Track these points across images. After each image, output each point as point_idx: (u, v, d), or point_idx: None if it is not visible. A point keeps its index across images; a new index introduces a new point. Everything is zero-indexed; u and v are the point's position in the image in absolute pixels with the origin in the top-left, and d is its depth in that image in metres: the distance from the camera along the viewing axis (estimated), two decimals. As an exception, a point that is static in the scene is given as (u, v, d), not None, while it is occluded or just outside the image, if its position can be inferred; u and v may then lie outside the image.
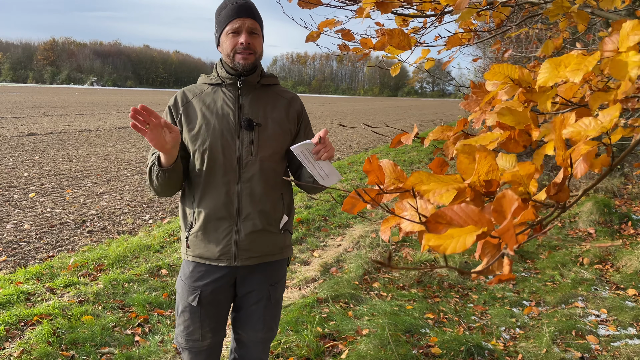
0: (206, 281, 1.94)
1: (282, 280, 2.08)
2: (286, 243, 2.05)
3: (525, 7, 2.62)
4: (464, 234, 0.65)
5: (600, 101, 0.87)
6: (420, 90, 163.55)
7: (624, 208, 6.68)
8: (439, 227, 0.69)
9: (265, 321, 2.02)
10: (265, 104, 1.95)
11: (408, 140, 1.15)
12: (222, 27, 1.87)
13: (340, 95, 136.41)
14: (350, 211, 0.88)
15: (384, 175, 0.88)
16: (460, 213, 0.68)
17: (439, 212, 0.69)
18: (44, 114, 21.24)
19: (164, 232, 5.40)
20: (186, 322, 1.98)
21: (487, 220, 0.67)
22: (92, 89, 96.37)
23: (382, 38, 1.65)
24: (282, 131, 1.95)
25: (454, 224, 0.68)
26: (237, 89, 1.93)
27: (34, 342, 3.03)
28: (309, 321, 3.43)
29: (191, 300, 1.96)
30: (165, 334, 3.29)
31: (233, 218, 1.89)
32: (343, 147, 14.31)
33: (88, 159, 10.27)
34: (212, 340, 2.01)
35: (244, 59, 1.85)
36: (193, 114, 1.92)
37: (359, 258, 4.82)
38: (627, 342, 3.38)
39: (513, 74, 0.98)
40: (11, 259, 4.59)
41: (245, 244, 1.90)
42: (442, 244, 0.64)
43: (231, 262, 1.92)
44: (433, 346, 3.21)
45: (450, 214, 0.69)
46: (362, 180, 9.13)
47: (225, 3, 1.89)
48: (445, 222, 0.69)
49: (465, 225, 0.68)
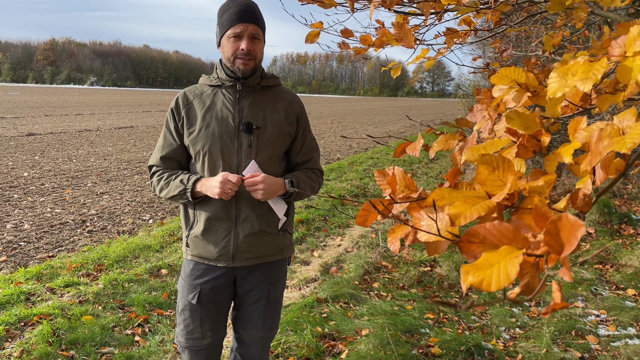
0: (205, 279, 1.96)
1: (282, 279, 2.09)
2: (286, 243, 2.06)
3: (524, 7, 2.62)
4: (501, 258, 0.60)
5: (609, 103, 0.87)
6: (420, 90, 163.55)
7: (624, 208, 6.68)
8: (472, 246, 0.65)
9: (265, 320, 2.03)
10: (265, 106, 1.95)
11: (414, 151, 1.11)
12: (224, 30, 1.87)
13: (340, 96, 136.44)
14: (364, 224, 0.86)
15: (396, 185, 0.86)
16: (493, 231, 0.64)
17: (471, 231, 0.65)
18: (44, 114, 21.24)
19: (164, 232, 5.40)
20: (186, 321, 2.00)
21: (522, 238, 0.63)
22: (92, 89, 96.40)
23: (382, 36, 1.65)
24: (281, 134, 1.96)
25: (487, 242, 0.64)
26: (236, 92, 1.93)
27: (34, 342, 3.02)
28: (309, 321, 3.43)
29: (191, 299, 1.97)
30: (165, 334, 3.29)
31: (232, 220, 1.92)
32: (343, 147, 14.32)
33: (88, 159, 10.27)
34: (211, 339, 2.02)
35: (244, 64, 1.87)
36: (194, 116, 1.94)
37: (359, 258, 4.82)
38: (627, 342, 3.38)
39: (520, 77, 0.96)
40: (11, 259, 4.59)
41: (243, 246, 1.92)
42: (483, 278, 0.59)
43: (230, 263, 1.94)
44: (433, 346, 3.20)
45: (483, 232, 0.65)
46: (362, 180, 9.13)
47: (229, 5, 1.88)
48: (478, 241, 0.65)
49: (500, 244, 0.64)
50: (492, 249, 0.63)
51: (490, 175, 0.76)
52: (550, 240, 0.60)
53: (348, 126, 22.41)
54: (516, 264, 0.59)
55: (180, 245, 5.06)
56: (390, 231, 0.86)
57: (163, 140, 2.01)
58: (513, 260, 0.59)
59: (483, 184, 0.77)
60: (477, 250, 0.64)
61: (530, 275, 0.63)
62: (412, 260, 4.86)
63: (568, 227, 0.59)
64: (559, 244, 0.60)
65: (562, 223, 0.59)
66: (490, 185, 0.76)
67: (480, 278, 0.59)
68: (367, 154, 12.87)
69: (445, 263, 4.74)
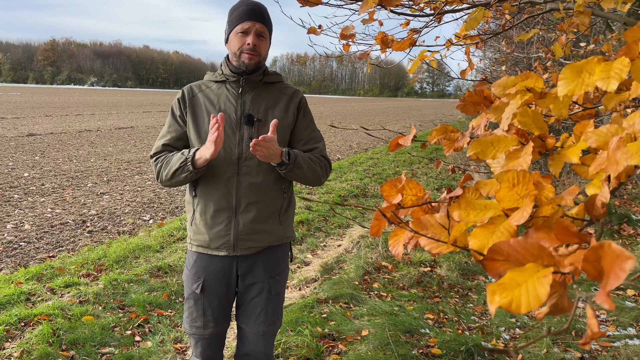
0: (208, 269, 2.03)
1: (283, 272, 2.13)
2: (287, 233, 2.10)
3: (525, 9, 2.62)
4: (528, 277, 0.57)
5: (615, 102, 0.87)
6: (420, 90, 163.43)
7: (624, 208, 6.68)
8: (496, 264, 0.62)
9: (267, 314, 2.07)
10: (267, 100, 2.02)
11: (406, 142, 1.11)
12: (233, 26, 1.96)
13: (340, 96, 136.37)
14: (377, 234, 0.84)
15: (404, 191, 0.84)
16: (518, 248, 0.61)
17: (495, 248, 0.62)
18: (44, 115, 21.25)
19: (164, 233, 5.40)
20: (190, 309, 2.09)
21: (547, 255, 0.60)
22: (92, 89, 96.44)
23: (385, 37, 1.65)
24: (282, 126, 2.00)
25: (511, 260, 0.61)
26: (239, 86, 2.01)
27: (34, 342, 3.03)
28: (309, 321, 3.43)
29: (195, 288, 2.05)
30: (165, 334, 3.29)
31: (232, 209, 1.97)
32: (343, 148, 14.32)
33: (88, 159, 10.28)
34: (214, 329, 2.08)
35: (250, 58, 1.94)
36: (198, 108, 2.01)
37: (359, 258, 4.82)
38: (627, 342, 3.38)
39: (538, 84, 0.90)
40: (11, 259, 4.59)
41: (243, 235, 1.98)
42: (511, 299, 0.56)
43: (231, 252, 2.00)
44: (433, 346, 3.21)
45: (507, 249, 0.62)
46: (362, 180, 9.13)
47: (240, 4, 1.98)
48: (502, 259, 0.61)
49: (525, 261, 0.60)
50: (517, 266, 0.61)
51: (509, 192, 0.73)
52: (589, 267, 0.56)
53: (348, 126, 22.43)
54: (546, 285, 0.56)
55: (180, 245, 5.07)
56: (392, 234, 0.84)
57: (167, 127, 2.07)
58: (542, 280, 0.56)
59: (501, 201, 0.73)
60: (501, 268, 0.61)
61: (558, 295, 0.59)
62: (412, 260, 4.86)
63: (612, 257, 0.55)
64: (597, 271, 0.56)
65: (604, 251, 0.55)
66: (508, 201, 0.73)
67: (509, 299, 0.56)
68: (367, 154, 12.87)
69: (445, 264, 4.74)
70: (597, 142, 0.76)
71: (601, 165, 0.73)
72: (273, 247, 2.06)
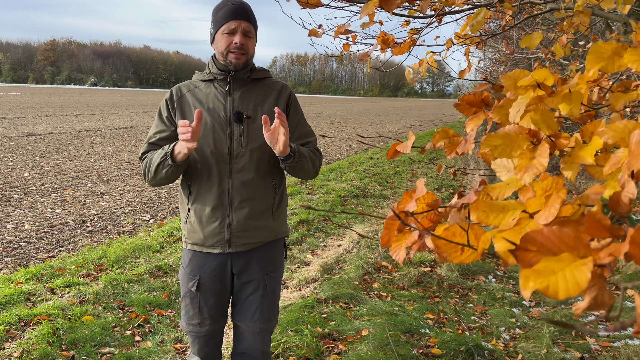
0: (204, 267, 2.05)
1: (278, 270, 2.14)
2: (280, 229, 2.12)
3: (525, 8, 2.62)
4: (565, 266, 0.54)
5: (623, 101, 0.87)
6: (420, 90, 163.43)
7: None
8: (529, 255, 0.58)
9: (263, 311, 2.08)
10: (256, 96, 2.03)
11: (405, 149, 1.08)
12: (219, 26, 1.96)
13: (341, 96, 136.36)
14: (387, 244, 0.81)
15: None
16: (552, 237, 0.58)
17: (528, 237, 0.59)
18: (44, 115, 21.25)
19: (164, 233, 5.40)
20: (187, 307, 2.10)
21: (584, 246, 0.57)
22: (92, 89, 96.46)
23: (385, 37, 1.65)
24: (272, 122, 1.99)
25: (544, 251, 0.58)
26: (227, 84, 2.01)
27: (34, 342, 3.03)
28: (309, 321, 3.43)
29: (191, 286, 2.06)
30: (165, 334, 3.29)
31: (225, 207, 1.99)
32: (343, 148, 14.33)
33: (88, 159, 10.28)
34: (210, 327, 2.10)
35: (237, 58, 1.95)
36: (187, 108, 2.02)
37: (359, 258, 4.82)
38: (627, 342, 3.38)
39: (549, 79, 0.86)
40: (11, 259, 4.59)
41: (237, 232, 2.00)
42: (548, 284, 0.53)
43: (225, 249, 2.01)
44: (433, 346, 3.21)
45: (540, 238, 0.58)
46: (362, 180, 9.13)
47: (224, 3, 1.98)
48: (535, 249, 0.58)
49: (559, 251, 0.57)
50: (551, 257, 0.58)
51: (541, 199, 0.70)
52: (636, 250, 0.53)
53: (348, 127, 22.41)
54: (586, 272, 0.53)
55: (180, 245, 5.07)
56: (394, 240, 0.81)
57: (154, 128, 2.07)
58: (581, 268, 0.53)
59: (529, 207, 0.71)
60: (534, 259, 0.58)
61: (598, 287, 0.55)
62: (412, 260, 4.86)
63: None
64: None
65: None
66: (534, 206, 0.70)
67: (545, 284, 0.53)
68: (367, 154, 12.87)
69: (445, 264, 4.74)
70: (613, 138, 0.73)
71: (617, 165, 0.70)
72: (267, 244, 2.07)
